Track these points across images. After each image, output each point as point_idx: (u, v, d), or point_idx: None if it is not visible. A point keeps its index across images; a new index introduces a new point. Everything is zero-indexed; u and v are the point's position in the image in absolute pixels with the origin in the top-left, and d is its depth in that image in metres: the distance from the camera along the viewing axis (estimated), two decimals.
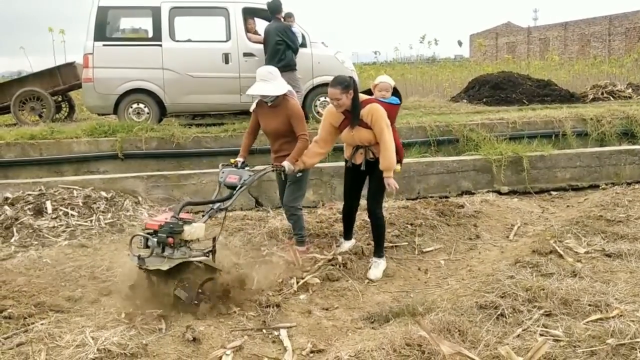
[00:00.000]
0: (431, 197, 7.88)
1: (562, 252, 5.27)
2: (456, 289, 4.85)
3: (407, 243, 5.91)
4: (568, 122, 9.92)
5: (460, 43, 33.47)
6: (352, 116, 4.99)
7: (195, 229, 4.34)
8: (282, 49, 9.42)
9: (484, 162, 8.43)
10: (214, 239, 4.65)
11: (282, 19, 9.74)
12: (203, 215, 4.68)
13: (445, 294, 4.78)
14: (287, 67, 9.14)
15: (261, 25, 10.67)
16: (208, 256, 4.52)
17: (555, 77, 15.92)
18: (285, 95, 5.28)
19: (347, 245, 5.68)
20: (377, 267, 5.29)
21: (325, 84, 10.02)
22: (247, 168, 5.24)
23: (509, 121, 9.77)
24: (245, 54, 9.93)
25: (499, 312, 4.02)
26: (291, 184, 5.51)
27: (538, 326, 3.79)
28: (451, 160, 8.48)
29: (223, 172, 5.09)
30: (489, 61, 34.43)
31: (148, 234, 4.27)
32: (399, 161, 5.20)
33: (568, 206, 7.56)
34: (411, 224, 6.27)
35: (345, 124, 5.09)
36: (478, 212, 6.86)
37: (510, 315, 3.98)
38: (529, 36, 46.55)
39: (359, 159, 5.22)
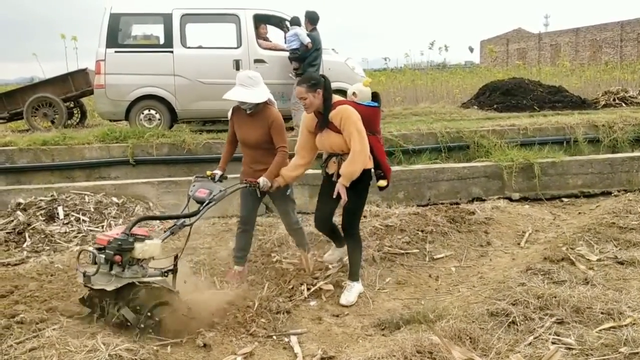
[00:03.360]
0: (442, 203, 7.86)
1: (574, 260, 5.24)
2: (467, 296, 4.83)
3: (417, 250, 5.89)
4: (580, 128, 9.87)
5: (471, 49, 33.45)
6: (321, 118, 4.62)
7: (148, 247, 4.00)
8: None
9: (494, 168, 8.40)
10: (176, 257, 4.29)
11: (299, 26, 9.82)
12: (165, 231, 4.36)
13: (456, 301, 4.76)
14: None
15: (272, 32, 10.75)
16: (166, 276, 4.22)
17: (567, 83, 15.83)
18: (265, 103, 4.91)
19: (337, 252, 5.32)
20: (350, 291, 4.87)
21: (336, 91, 10.10)
22: (221, 182, 4.90)
23: (520, 127, 9.73)
24: (256, 61, 9.97)
25: (510, 320, 3.99)
26: (283, 204, 5.20)
27: (550, 334, 3.76)
28: (462, 166, 8.46)
29: (194, 185, 4.72)
30: (500, 67, 34.33)
31: (98, 249, 3.98)
32: (385, 177, 4.80)
33: (580, 213, 7.51)
34: (422, 231, 6.25)
35: (318, 127, 4.70)
36: (489, 219, 6.84)
37: (522, 322, 3.95)
38: (539, 42, 46.42)
39: (332, 168, 4.76)
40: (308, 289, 4.99)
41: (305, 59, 9.66)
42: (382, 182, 4.79)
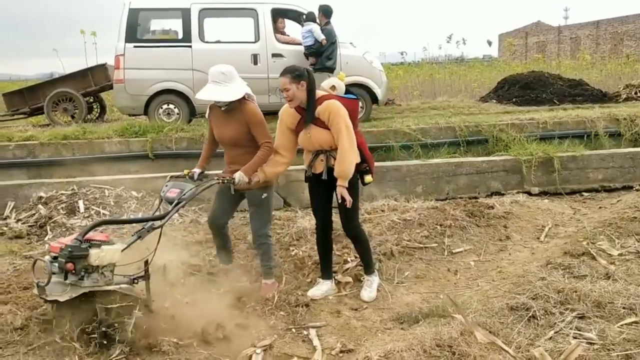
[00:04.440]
0: (460, 197, 7.83)
1: (594, 254, 5.19)
2: (486, 290, 4.81)
3: (436, 244, 5.87)
4: (600, 122, 9.75)
5: (489, 43, 33.16)
6: (306, 113, 4.38)
7: (106, 253, 3.72)
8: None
9: (513, 162, 8.34)
10: (146, 263, 4.05)
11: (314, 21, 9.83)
12: (133, 235, 4.09)
13: (476, 295, 4.74)
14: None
15: (290, 26, 10.75)
16: (135, 283, 3.99)
17: (587, 76, 15.65)
18: (243, 98, 4.55)
19: (323, 287, 4.86)
20: (370, 286, 4.81)
21: (353, 85, 10.11)
22: (201, 181, 4.64)
23: (539, 121, 9.64)
24: (273, 55, 9.98)
25: (530, 314, 3.97)
26: (256, 208, 4.77)
27: (571, 329, 3.73)
28: (480, 160, 8.40)
29: (166, 185, 4.47)
30: (519, 61, 34.01)
31: (53, 257, 3.73)
32: (369, 171, 4.55)
33: (600, 207, 7.43)
34: (440, 225, 6.22)
35: (302, 125, 4.45)
36: (508, 213, 6.79)
37: (542, 317, 3.93)
38: (559, 35, 45.91)
39: (319, 167, 4.50)
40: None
41: (322, 53, 9.66)
42: (369, 178, 4.56)
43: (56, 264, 3.67)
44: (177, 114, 9.98)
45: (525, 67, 20.19)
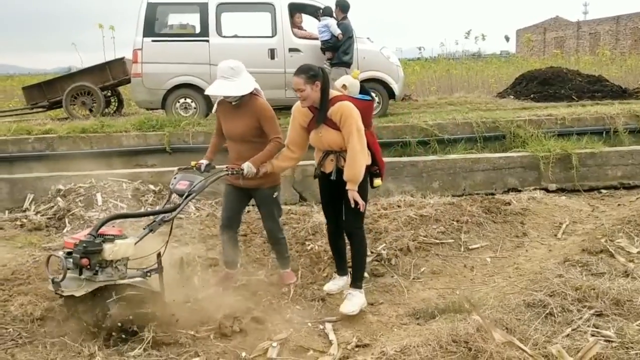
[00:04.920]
0: (477, 194, 7.79)
1: (613, 252, 5.15)
2: (503, 287, 4.79)
3: (452, 240, 5.86)
4: (620, 118, 9.64)
5: (507, 38, 33.04)
6: (318, 113, 4.27)
7: (119, 247, 3.75)
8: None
9: (531, 159, 8.28)
10: (159, 255, 4.08)
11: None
12: (144, 229, 4.07)
13: (492, 291, 4.72)
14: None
15: (307, 21, 10.73)
16: (148, 276, 4.02)
17: (607, 72, 15.48)
18: (252, 93, 4.55)
19: (339, 282, 4.79)
20: (351, 300, 4.42)
21: (370, 80, 10.09)
22: (208, 172, 4.59)
23: (557, 117, 9.56)
24: (290, 50, 9.98)
25: (547, 311, 3.95)
26: (267, 208, 4.79)
27: (588, 326, 3.71)
28: (497, 156, 8.36)
29: (175, 177, 4.43)
30: (536, 57, 33.71)
31: (66, 253, 3.73)
32: (380, 174, 4.47)
33: (619, 205, 7.36)
34: (457, 221, 6.20)
35: (313, 124, 4.34)
36: (525, 210, 6.75)
37: (560, 314, 3.91)
38: (578, 30, 45.41)
39: (329, 167, 4.38)
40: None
41: (338, 48, 9.65)
42: (378, 181, 4.48)
43: (71, 260, 3.66)
44: (194, 108, 10.02)
45: (543, 62, 20.01)
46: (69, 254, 3.69)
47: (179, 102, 10.03)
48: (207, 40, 9.90)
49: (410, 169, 8.04)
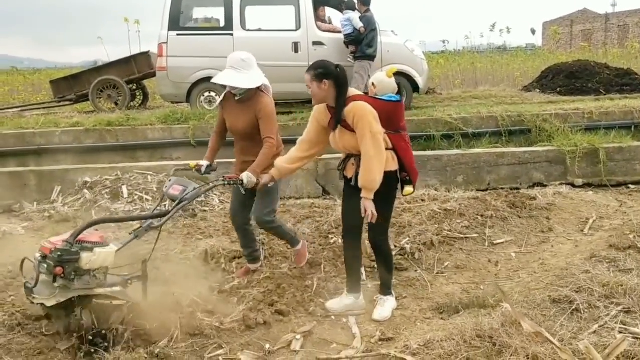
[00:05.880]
0: (502, 188, 7.72)
1: None
2: (528, 282, 4.75)
3: (477, 235, 5.82)
4: None
5: (533, 31, 32.62)
6: (333, 115, 4.05)
7: (98, 256, 3.53)
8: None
9: (557, 153, 8.18)
10: (144, 263, 3.92)
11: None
12: (130, 234, 3.88)
13: (517, 286, 4.69)
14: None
15: (331, 14, 10.71)
16: (129, 285, 3.83)
17: (636, 65, 15.18)
18: (258, 89, 4.48)
19: (346, 301, 4.39)
20: (384, 306, 4.35)
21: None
22: (209, 175, 4.59)
23: (584, 111, 9.41)
24: (314, 43, 9.97)
25: (573, 307, 3.91)
26: (261, 195, 4.58)
27: (616, 323, 3.65)
28: (523, 151, 8.27)
29: (170, 181, 4.27)
30: (563, 50, 33.23)
31: (43, 257, 3.52)
32: (411, 182, 4.17)
33: None
34: (481, 216, 6.16)
35: (332, 124, 4.11)
36: (551, 205, 6.68)
37: (586, 310, 3.86)
38: (606, 23, 44.63)
39: (350, 172, 4.15)
40: (366, 271, 5.02)
41: (361, 41, 9.61)
42: (409, 190, 4.18)
43: (45, 265, 3.47)
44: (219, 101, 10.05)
45: (570, 56, 19.72)
46: (44, 258, 3.50)
47: (203, 95, 10.09)
48: (232, 34, 9.93)
49: (435, 163, 8.00)
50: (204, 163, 4.55)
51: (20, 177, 7.72)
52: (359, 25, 9.49)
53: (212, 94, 10.05)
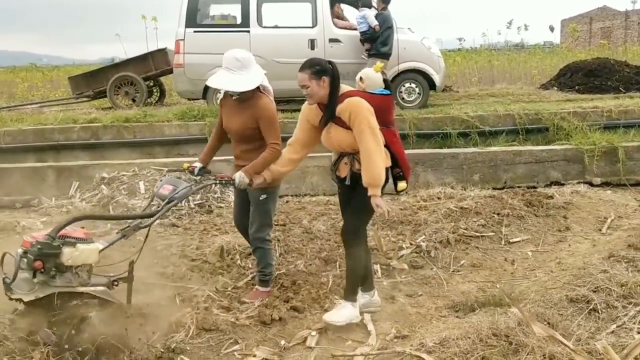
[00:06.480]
0: (518, 187, 7.68)
1: None
2: (544, 281, 4.72)
3: (493, 233, 5.80)
4: None
5: (552, 28, 32.24)
6: (325, 111, 3.89)
7: (81, 253, 3.39)
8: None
9: (575, 152, 8.11)
10: (131, 264, 3.77)
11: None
12: (117, 233, 3.75)
13: (533, 285, 4.66)
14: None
15: (348, 11, 10.69)
16: (114, 285, 3.68)
17: None
18: (257, 89, 4.23)
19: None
20: (339, 310, 4.04)
21: (411, 70, 10.01)
22: (203, 177, 4.28)
23: (603, 110, 9.31)
24: (331, 40, 9.95)
25: (591, 307, 3.87)
26: (254, 209, 4.35)
27: (634, 323, 3.61)
28: (540, 149, 8.21)
29: (161, 180, 4.16)
30: (582, 47, 32.91)
31: (24, 252, 3.36)
32: (404, 177, 4.02)
33: None
34: (498, 214, 6.13)
35: (323, 122, 3.95)
36: (568, 204, 6.62)
37: (604, 310, 3.82)
38: (626, 20, 44.09)
39: (344, 171, 3.97)
40: (381, 268, 5.02)
41: (376, 39, 9.57)
42: (403, 185, 4.01)
43: (25, 260, 3.33)
44: None
45: (589, 53, 19.51)
46: (25, 253, 3.36)
47: (219, 92, 10.10)
48: (248, 31, 9.95)
49: (451, 161, 7.97)
50: (197, 165, 4.36)
51: (39, 173, 7.81)
52: (374, 23, 9.47)
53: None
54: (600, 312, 3.82)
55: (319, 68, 3.81)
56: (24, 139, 8.92)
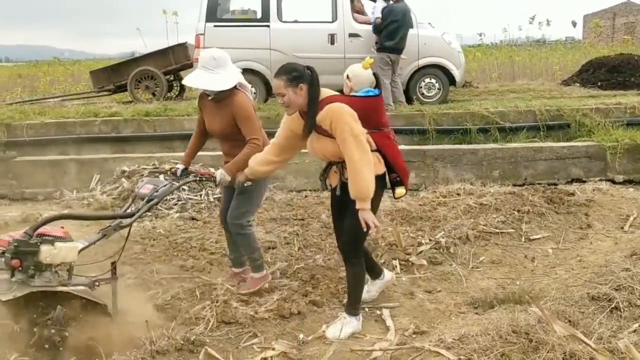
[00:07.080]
0: (539, 183, 7.61)
1: None
2: (565, 279, 4.67)
3: (513, 230, 5.75)
4: None
5: (574, 24, 31.71)
6: (306, 120, 3.62)
7: (59, 251, 3.33)
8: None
9: (597, 148, 8.02)
10: (113, 264, 3.74)
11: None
12: (97, 233, 3.73)
13: (554, 283, 4.61)
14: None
15: (368, 6, 10.66)
16: (96, 286, 3.63)
17: None
18: (234, 87, 4.15)
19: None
20: (340, 326, 3.88)
21: (431, 66, 9.96)
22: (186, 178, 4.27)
23: (626, 106, 9.18)
24: (350, 35, 9.95)
25: (612, 305, 3.82)
26: (237, 195, 4.27)
27: None
28: (561, 146, 8.13)
29: (142, 181, 4.17)
30: (604, 43, 32.46)
31: (2, 252, 3.32)
32: (402, 183, 3.78)
33: None
34: (518, 211, 6.07)
35: (305, 131, 3.68)
36: (590, 201, 6.54)
37: (626, 309, 3.77)
38: None
39: (333, 180, 3.78)
40: (400, 264, 5.01)
41: (381, 32, 9.48)
42: (401, 191, 3.79)
43: (2, 259, 3.29)
44: (254, 93, 10.09)
45: (612, 49, 19.25)
46: (3, 252, 3.31)
47: None
48: (268, 26, 9.97)
49: (470, 157, 7.92)
50: (180, 167, 4.37)
51: (61, 165, 7.92)
52: (376, 15, 9.45)
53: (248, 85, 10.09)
54: (622, 310, 3.76)
55: (295, 74, 3.53)
56: (46, 132, 9.03)
